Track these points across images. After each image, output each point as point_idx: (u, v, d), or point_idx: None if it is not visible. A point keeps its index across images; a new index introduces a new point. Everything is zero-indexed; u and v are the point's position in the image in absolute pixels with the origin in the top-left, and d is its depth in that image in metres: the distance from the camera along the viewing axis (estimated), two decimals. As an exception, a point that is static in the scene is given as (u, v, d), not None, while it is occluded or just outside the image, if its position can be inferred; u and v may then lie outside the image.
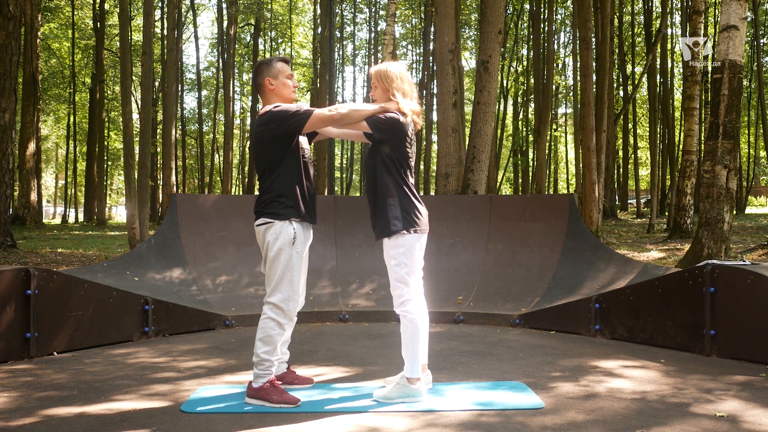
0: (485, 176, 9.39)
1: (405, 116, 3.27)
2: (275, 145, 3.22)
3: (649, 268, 6.11)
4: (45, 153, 36.12)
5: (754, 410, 3.00)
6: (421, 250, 3.28)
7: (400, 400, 3.16)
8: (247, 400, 3.19)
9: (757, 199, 37.28)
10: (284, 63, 3.43)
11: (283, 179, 3.24)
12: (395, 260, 3.24)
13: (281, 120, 3.20)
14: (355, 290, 6.62)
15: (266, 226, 3.23)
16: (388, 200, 3.24)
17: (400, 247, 3.22)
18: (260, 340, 3.19)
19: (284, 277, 3.19)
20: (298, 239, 3.22)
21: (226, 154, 24.25)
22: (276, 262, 3.19)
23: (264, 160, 3.26)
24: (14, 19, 10.70)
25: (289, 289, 3.21)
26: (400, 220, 3.22)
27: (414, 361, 3.20)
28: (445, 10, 9.47)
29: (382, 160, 3.26)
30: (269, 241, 3.21)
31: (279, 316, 3.20)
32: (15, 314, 4.11)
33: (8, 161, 10.56)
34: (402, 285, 3.24)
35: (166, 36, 19.61)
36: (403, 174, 3.28)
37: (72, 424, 2.84)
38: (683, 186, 13.31)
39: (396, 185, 3.25)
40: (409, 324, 3.22)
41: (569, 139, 34.77)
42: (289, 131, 3.21)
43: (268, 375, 3.18)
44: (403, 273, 3.24)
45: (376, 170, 3.28)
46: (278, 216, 3.21)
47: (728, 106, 7.21)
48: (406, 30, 30.82)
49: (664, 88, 23.94)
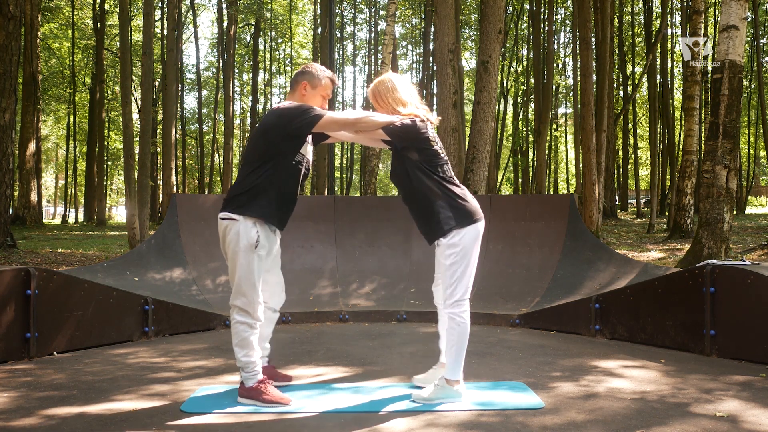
0: (485, 176, 9.39)
1: (418, 118, 3.23)
2: (278, 139, 3.15)
3: (649, 268, 6.11)
4: (45, 153, 36.11)
5: (754, 410, 3.00)
6: (477, 245, 3.21)
7: (440, 402, 3.14)
8: (239, 400, 3.18)
9: (757, 199, 37.29)
10: (330, 82, 3.41)
11: (269, 177, 3.17)
12: (451, 259, 3.16)
13: (293, 116, 3.15)
14: (355, 290, 6.62)
15: (229, 223, 3.16)
16: (436, 203, 3.18)
17: (456, 246, 3.15)
18: (237, 345, 3.17)
19: (245, 281, 3.14)
20: (261, 244, 3.15)
21: (226, 154, 24.25)
22: (236, 265, 3.14)
23: (260, 150, 3.18)
24: (14, 19, 10.70)
25: (252, 292, 3.15)
26: (453, 218, 3.17)
27: (457, 363, 3.17)
28: (445, 10, 9.47)
29: (415, 166, 3.20)
30: (230, 241, 3.16)
31: (246, 318, 3.17)
32: (15, 314, 4.11)
33: (8, 161, 10.56)
34: (456, 284, 3.17)
35: (166, 36, 19.62)
36: (441, 173, 3.22)
37: (72, 424, 2.84)
38: (683, 186, 13.31)
39: (438, 186, 3.20)
40: (456, 327, 3.17)
41: (569, 139, 34.77)
42: (297, 128, 3.14)
43: (255, 375, 3.18)
44: (459, 272, 3.16)
45: (410, 177, 3.22)
46: (244, 212, 3.12)
47: (728, 106, 7.21)
48: (406, 30, 30.83)
49: (664, 88, 23.94)
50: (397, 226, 7.08)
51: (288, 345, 4.81)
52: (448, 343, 3.20)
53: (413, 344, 4.80)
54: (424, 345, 4.77)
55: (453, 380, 3.18)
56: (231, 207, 3.17)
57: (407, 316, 5.92)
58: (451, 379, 3.18)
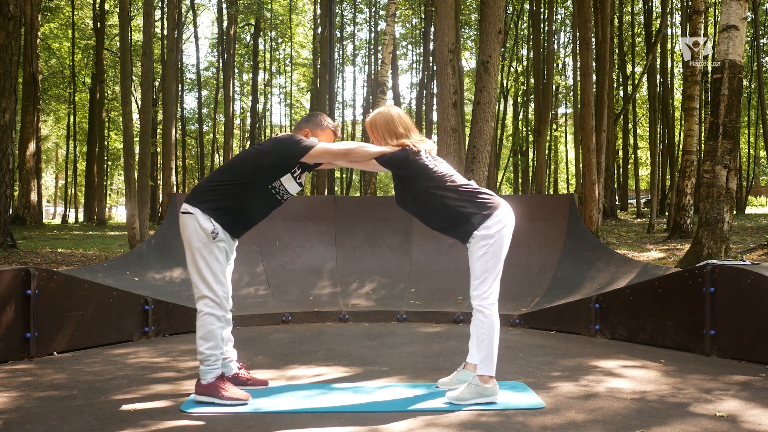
0: (485, 176, 9.39)
1: (409, 147, 3.25)
2: (267, 164, 3.20)
3: (649, 268, 6.11)
4: (45, 153, 36.11)
5: (754, 410, 3.00)
6: (508, 240, 3.23)
7: (474, 401, 3.13)
8: (195, 398, 3.16)
9: (757, 199, 37.27)
10: (333, 134, 3.46)
11: (241, 195, 3.21)
12: (484, 249, 3.16)
13: (287, 144, 3.22)
14: (355, 290, 6.62)
15: (189, 216, 3.17)
16: (457, 209, 3.19)
17: (489, 238, 3.16)
18: (201, 338, 3.17)
19: (209, 270, 3.16)
20: (219, 237, 3.17)
21: (226, 154, 24.26)
22: (199, 257, 3.16)
23: (246, 168, 3.23)
24: (14, 19, 10.70)
25: (216, 281, 3.17)
26: (479, 213, 3.18)
27: (489, 358, 3.16)
28: (445, 10, 9.47)
29: (423, 190, 3.22)
30: (189, 234, 3.17)
31: (215, 309, 3.18)
32: (15, 314, 4.11)
33: (8, 161, 10.56)
34: (486, 276, 3.19)
35: (166, 36, 19.62)
36: (452, 184, 3.24)
37: (72, 424, 2.84)
38: (683, 186, 13.31)
39: (455, 193, 3.21)
40: (485, 320, 3.17)
41: (569, 139, 34.76)
42: (289, 156, 3.20)
43: (214, 370, 3.18)
44: (490, 264, 3.17)
45: (423, 201, 3.24)
46: (203, 209, 3.16)
47: (728, 106, 7.21)
48: (406, 30, 30.83)
49: (664, 88, 23.94)
50: (397, 226, 7.07)
51: (288, 345, 4.81)
52: (478, 338, 3.19)
53: (413, 344, 4.81)
54: (424, 345, 4.77)
55: (486, 376, 3.15)
56: (192, 202, 3.21)
57: (407, 316, 5.92)
58: (485, 375, 3.15)
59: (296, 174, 3.31)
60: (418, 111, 27.05)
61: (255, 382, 3.50)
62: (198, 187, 3.29)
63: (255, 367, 4.00)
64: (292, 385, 3.57)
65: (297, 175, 3.32)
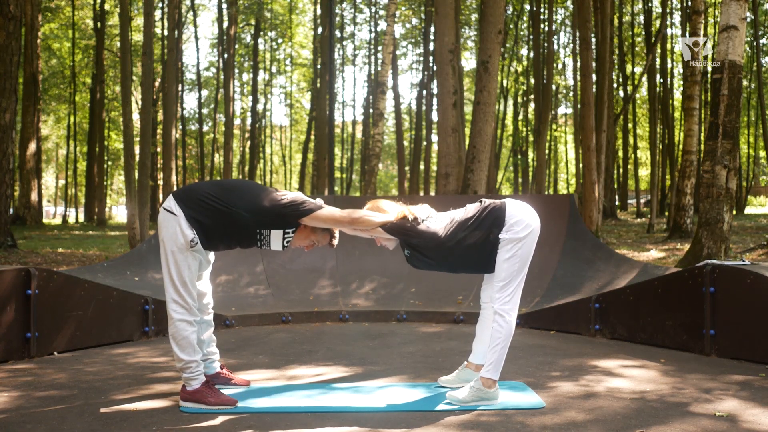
0: (485, 176, 9.40)
1: (404, 217, 3.26)
2: (266, 208, 3.11)
3: (648, 268, 6.12)
4: (45, 153, 36.08)
5: (754, 410, 3.00)
6: (533, 245, 3.24)
7: (474, 404, 3.13)
8: (181, 404, 3.12)
9: (757, 199, 37.26)
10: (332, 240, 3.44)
11: (228, 224, 3.11)
12: (511, 252, 3.17)
13: (295, 200, 3.14)
14: (355, 290, 6.63)
15: (172, 217, 3.08)
16: (473, 233, 3.19)
17: (518, 241, 3.17)
18: (177, 346, 3.13)
19: (179, 277, 3.12)
20: (198, 246, 3.11)
21: (226, 154, 24.24)
22: (172, 261, 3.11)
23: (245, 201, 3.11)
24: (14, 19, 10.71)
25: (185, 289, 3.14)
26: (493, 224, 3.18)
27: (498, 363, 3.16)
28: (445, 10, 9.48)
29: (440, 243, 3.23)
30: (169, 234, 3.09)
31: (185, 315, 3.15)
32: (15, 314, 4.11)
33: (8, 161, 10.57)
34: (512, 281, 3.19)
35: (167, 36, 19.63)
36: (457, 221, 3.24)
37: (72, 424, 2.84)
38: (683, 186, 13.31)
39: (460, 228, 3.21)
40: (504, 325, 3.16)
41: (569, 139, 34.75)
42: (292, 211, 3.11)
43: (198, 376, 3.14)
44: (516, 267, 3.18)
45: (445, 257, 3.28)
46: (186, 214, 3.08)
47: (728, 106, 7.21)
48: (406, 30, 30.79)
49: (664, 88, 23.93)
50: (397, 226, 7.07)
51: (288, 345, 4.81)
52: (493, 341, 3.17)
53: (413, 344, 4.81)
54: (424, 345, 4.78)
55: (491, 379, 3.15)
56: (180, 204, 3.11)
57: (407, 316, 5.93)
58: (489, 379, 3.15)
59: (288, 235, 3.20)
60: (418, 111, 27.04)
61: (237, 382, 3.49)
62: (192, 190, 3.17)
63: (255, 367, 4.01)
64: (292, 384, 3.57)
65: (287, 236, 3.20)
